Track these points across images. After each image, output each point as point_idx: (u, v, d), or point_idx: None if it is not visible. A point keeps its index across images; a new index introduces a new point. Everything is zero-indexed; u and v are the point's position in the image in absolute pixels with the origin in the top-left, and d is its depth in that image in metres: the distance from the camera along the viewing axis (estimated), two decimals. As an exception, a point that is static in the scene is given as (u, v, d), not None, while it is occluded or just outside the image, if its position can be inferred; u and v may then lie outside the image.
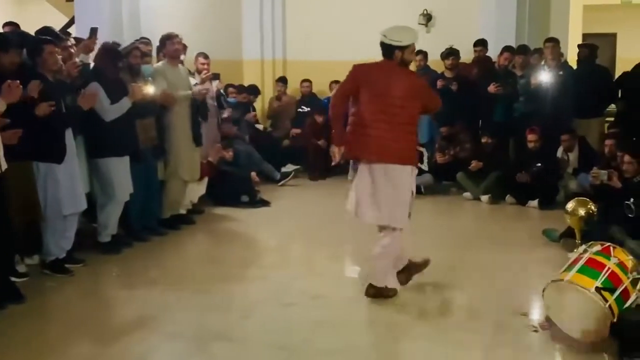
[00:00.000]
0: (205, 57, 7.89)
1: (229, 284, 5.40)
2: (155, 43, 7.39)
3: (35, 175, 5.15)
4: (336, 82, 9.94)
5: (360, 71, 4.81)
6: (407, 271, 5.05)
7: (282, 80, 10.46)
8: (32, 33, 5.94)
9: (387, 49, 4.73)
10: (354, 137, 4.78)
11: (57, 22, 8.62)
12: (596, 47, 8.84)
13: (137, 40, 6.92)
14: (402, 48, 4.69)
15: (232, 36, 10.73)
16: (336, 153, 4.85)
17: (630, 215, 5.39)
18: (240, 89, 9.68)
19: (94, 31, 6.49)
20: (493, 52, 9.00)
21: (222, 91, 8.44)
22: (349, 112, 4.85)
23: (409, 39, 4.73)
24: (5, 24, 7.10)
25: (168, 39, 6.66)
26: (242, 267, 5.86)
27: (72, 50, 6.13)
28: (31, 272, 5.37)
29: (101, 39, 6.58)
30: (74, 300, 5.08)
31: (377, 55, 4.89)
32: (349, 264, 6.16)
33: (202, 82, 7.21)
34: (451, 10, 10.01)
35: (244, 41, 11.00)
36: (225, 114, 8.32)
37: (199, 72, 7.61)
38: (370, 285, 4.88)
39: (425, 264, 5.14)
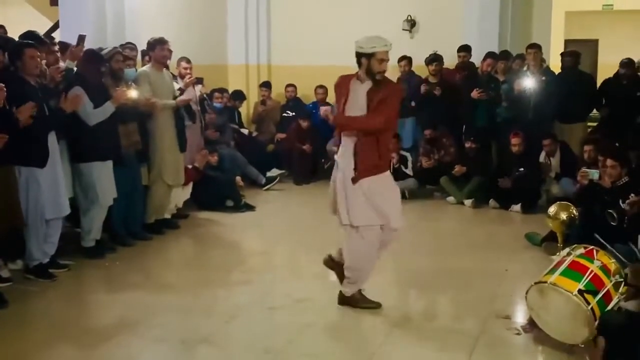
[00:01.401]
0: (188, 61, 7.88)
1: (214, 288, 5.40)
2: (139, 46, 7.38)
3: (16, 180, 5.13)
4: (321, 86, 9.98)
5: None
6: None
7: (266, 85, 10.47)
8: (15, 37, 5.92)
9: (356, 57, 4.59)
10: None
11: (40, 26, 8.56)
12: (579, 54, 8.93)
13: (122, 45, 6.90)
14: (367, 55, 4.51)
15: (217, 41, 10.73)
16: None
17: (613, 223, 5.42)
18: (213, 92, 9.64)
19: (81, 38, 6.49)
20: (476, 58, 9.07)
21: (205, 95, 8.43)
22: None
23: (373, 45, 4.50)
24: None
25: (159, 44, 6.63)
26: (226, 271, 5.86)
27: (58, 55, 6.11)
28: (15, 277, 5.34)
29: (86, 43, 6.58)
30: (57, 305, 5.05)
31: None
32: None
33: (186, 86, 7.19)
34: (435, 17, 10.06)
35: (229, 46, 11.00)
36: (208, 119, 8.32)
37: (182, 76, 7.59)
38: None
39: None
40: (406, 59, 9.49)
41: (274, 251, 6.61)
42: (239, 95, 9.91)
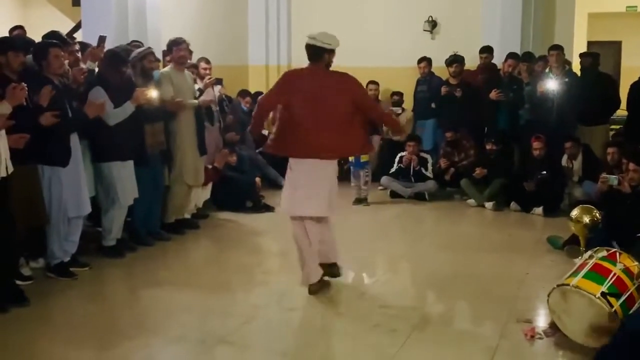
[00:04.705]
0: (207, 62, 7.89)
1: (232, 288, 5.42)
2: (161, 47, 7.42)
3: (40, 179, 5.17)
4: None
5: (290, 79, 5.04)
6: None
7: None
8: (38, 37, 5.97)
9: (318, 52, 5.01)
10: (290, 138, 4.96)
11: (63, 26, 8.64)
12: (598, 55, 8.84)
13: (128, 44, 6.92)
14: (330, 52, 5.02)
15: (237, 42, 10.78)
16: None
17: None
18: (245, 95, 9.68)
19: (102, 39, 6.52)
20: (498, 59, 9.02)
21: (224, 96, 8.44)
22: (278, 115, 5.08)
23: (336, 43, 5.08)
24: (14, 28, 7.14)
25: (175, 45, 6.67)
26: (245, 271, 5.86)
27: (79, 55, 6.15)
28: (36, 275, 5.38)
29: (107, 43, 6.62)
30: (78, 304, 5.08)
31: (378, 62, 4.90)
32: (350, 269, 6.14)
33: (205, 87, 7.21)
34: (456, 17, 10.02)
35: (250, 47, 11.05)
36: (228, 122, 8.34)
37: (201, 77, 7.61)
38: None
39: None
40: (426, 60, 9.47)
41: (293, 252, 6.53)
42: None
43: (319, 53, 4.98)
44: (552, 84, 8.18)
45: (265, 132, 10.06)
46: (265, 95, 5.31)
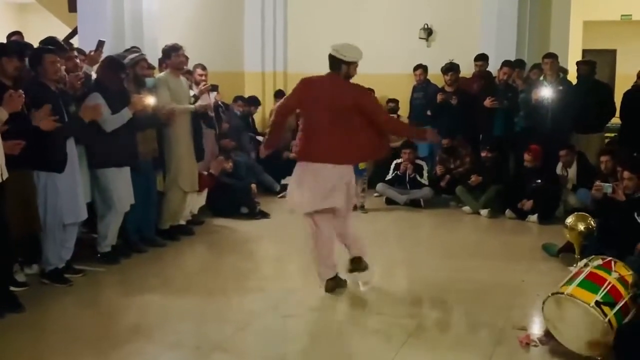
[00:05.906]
0: (203, 68, 7.90)
1: (228, 294, 5.40)
2: (157, 54, 7.42)
3: (35, 185, 5.16)
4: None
5: (307, 85, 5.20)
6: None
7: (280, 94, 10.45)
8: (34, 43, 5.97)
9: (335, 62, 5.12)
10: (305, 142, 5.16)
11: (59, 32, 8.63)
12: (595, 63, 8.88)
13: (126, 50, 6.93)
14: (348, 63, 5.09)
15: (233, 48, 10.78)
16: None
17: None
18: (241, 100, 9.71)
19: (101, 44, 6.53)
20: (493, 67, 9.04)
21: (220, 103, 8.45)
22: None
23: (355, 56, 5.12)
24: (12, 34, 7.13)
25: (173, 51, 6.68)
26: (240, 278, 5.85)
27: (77, 61, 6.15)
28: (30, 281, 5.37)
29: (104, 50, 6.62)
30: (73, 310, 5.07)
31: (374, 69, 4.93)
32: (346, 276, 6.15)
33: (200, 93, 7.21)
34: (452, 25, 10.06)
35: (246, 53, 11.05)
36: (224, 129, 8.35)
37: (197, 83, 7.61)
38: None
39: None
40: (421, 68, 9.49)
41: (288, 259, 6.60)
42: (254, 101, 9.94)
43: (336, 63, 5.11)
44: (546, 92, 8.21)
45: (260, 137, 10.16)
46: (282, 101, 5.49)
